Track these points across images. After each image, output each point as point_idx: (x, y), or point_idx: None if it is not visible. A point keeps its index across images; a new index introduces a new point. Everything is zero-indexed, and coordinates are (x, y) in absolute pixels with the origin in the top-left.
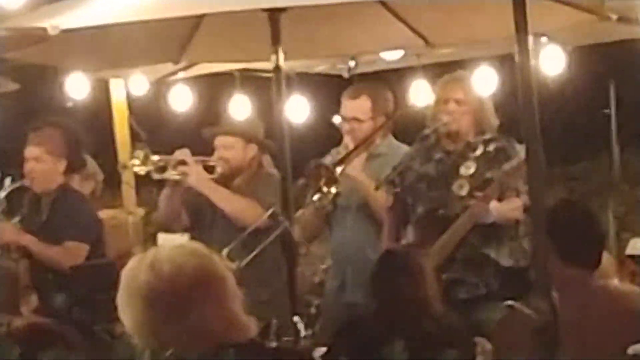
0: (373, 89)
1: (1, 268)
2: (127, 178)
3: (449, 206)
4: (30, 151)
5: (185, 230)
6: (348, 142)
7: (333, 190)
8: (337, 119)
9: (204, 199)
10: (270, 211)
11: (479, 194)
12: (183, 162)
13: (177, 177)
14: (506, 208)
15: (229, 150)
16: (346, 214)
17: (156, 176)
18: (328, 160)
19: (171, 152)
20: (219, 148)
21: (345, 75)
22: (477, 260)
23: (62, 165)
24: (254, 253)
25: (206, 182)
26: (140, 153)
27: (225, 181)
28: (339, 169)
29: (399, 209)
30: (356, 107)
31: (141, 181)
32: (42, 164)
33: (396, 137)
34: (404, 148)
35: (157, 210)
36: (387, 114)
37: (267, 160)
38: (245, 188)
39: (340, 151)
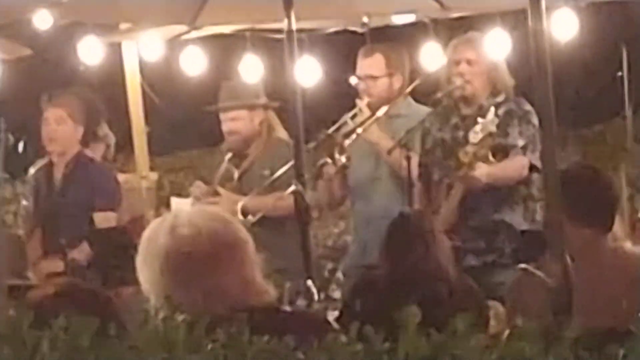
0: (387, 46)
1: (9, 235)
2: (140, 142)
3: (452, 174)
4: (53, 112)
5: None
6: (363, 101)
7: (342, 159)
8: (353, 79)
9: None
10: (292, 188)
11: (464, 160)
12: (215, 193)
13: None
14: (502, 169)
15: (236, 122)
16: (366, 179)
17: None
18: (343, 123)
19: (184, 115)
20: (225, 122)
21: (360, 30)
22: (490, 226)
23: (79, 132)
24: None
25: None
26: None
27: (240, 150)
28: (348, 141)
29: (424, 174)
30: (370, 65)
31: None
32: (64, 127)
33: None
34: (424, 109)
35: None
36: (403, 72)
37: (276, 122)
38: (260, 155)
39: (357, 113)
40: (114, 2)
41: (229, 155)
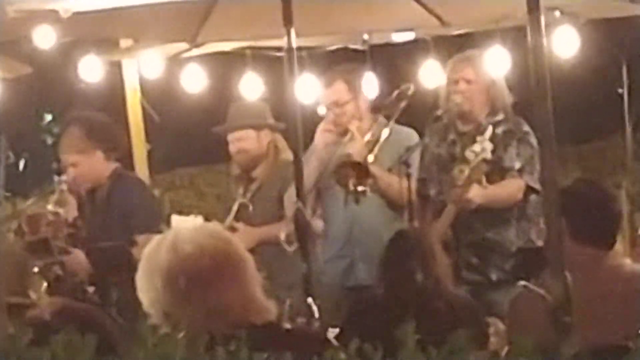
0: (346, 71)
1: (11, 252)
2: (140, 160)
3: (446, 192)
4: (66, 159)
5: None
6: (331, 128)
7: (362, 188)
8: (322, 109)
9: None
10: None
11: (459, 182)
12: (232, 229)
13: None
14: (496, 192)
15: (244, 141)
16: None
17: None
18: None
19: (185, 133)
20: (233, 142)
21: (360, 48)
22: (483, 245)
23: (99, 156)
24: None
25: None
26: None
27: (247, 172)
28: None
29: (422, 190)
30: (333, 93)
31: (154, 164)
32: (78, 168)
33: (408, 118)
34: (407, 130)
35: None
36: (359, 94)
37: (281, 141)
38: (266, 181)
39: (345, 141)
40: (115, 19)
41: (237, 172)
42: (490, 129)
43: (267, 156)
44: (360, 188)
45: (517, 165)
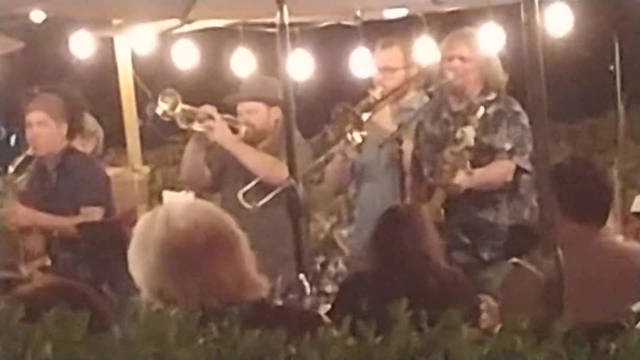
0: (405, 39)
1: (1, 229)
2: (132, 136)
3: (435, 177)
4: (34, 116)
5: (207, 187)
6: (377, 92)
7: (358, 137)
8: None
9: (228, 158)
10: (288, 184)
11: (445, 166)
12: (210, 117)
13: (203, 130)
14: (484, 175)
15: (253, 115)
16: (375, 168)
17: (182, 125)
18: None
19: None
20: (242, 113)
21: (353, 24)
22: (475, 225)
23: (64, 129)
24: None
25: (231, 138)
26: (169, 99)
27: (251, 144)
28: (365, 116)
29: (416, 168)
30: (388, 57)
31: (146, 140)
32: (46, 128)
33: None
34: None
35: (181, 167)
36: (419, 65)
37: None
38: (270, 152)
39: (370, 101)
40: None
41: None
42: (482, 109)
43: (274, 132)
44: (357, 135)
45: (508, 146)
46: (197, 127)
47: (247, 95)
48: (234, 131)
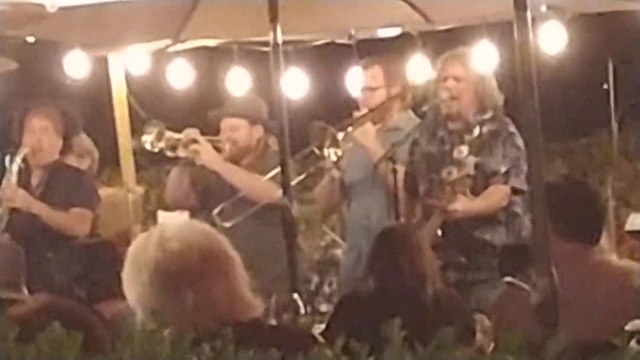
0: (386, 58)
1: (5, 247)
2: (126, 156)
3: (435, 191)
4: (37, 123)
5: (193, 209)
6: (361, 112)
7: (333, 155)
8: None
9: (213, 178)
10: (273, 173)
11: (444, 190)
12: (194, 141)
13: (189, 155)
14: (481, 203)
15: (236, 132)
16: (362, 187)
17: (169, 154)
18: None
19: (173, 129)
20: (225, 130)
21: (347, 42)
22: (472, 245)
23: (60, 143)
24: (245, 214)
25: (218, 160)
26: (154, 129)
27: (232, 162)
28: (341, 134)
29: (410, 185)
30: (369, 77)
31: (140, 160)
32: (48, 137)
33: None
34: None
35: (166, 190)
36: (403, 85)
37: (273, 141)
38: (253, 168)
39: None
40: (98, 17)
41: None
42: (477, 128)
43: (256, 149)
44: (332, 152)
45: (503, 168)
46: (182, 152)
47: (231, 111)
48: (218, 150)
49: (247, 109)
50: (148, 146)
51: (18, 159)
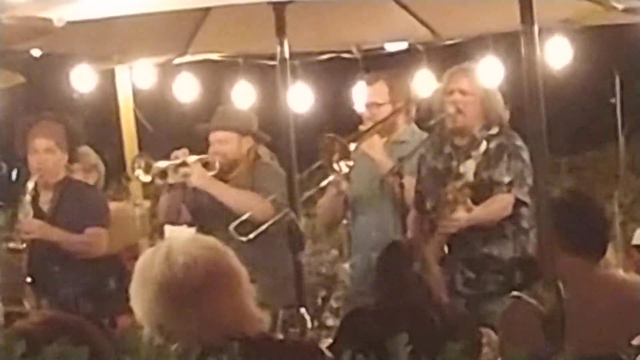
0: (390, 73)
1: (7, 262)
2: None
3: (439, 208)
4: (41, 142)
5: (186, 224)
6: (366, 127)
7: (344, 166)
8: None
9: (203, 195)
10: (270, 197)
11: (445, 203)
12: (184, 164)
13: (180, 179)
14: (483, 211)
15: (224, 145)
16: (369, 200)
17: (159, 182)
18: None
19: (177, 142)
20: (214, 143)
21: (353, 56)
22: (480, 260)
23: (65, 158)
24: (258, 231)
25: (208, 180)
26: (141, 162)
27: (223, 174)
28: (352, 145)
29: (419, 201)
30: (373, 92)
31: None
32: (53, 156)
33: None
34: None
35: (159, 210)
36: (407, 99)
37: (263, 151)
38: (243, 180)
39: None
40: (106, 32)
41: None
42: (484, 143)
43: (246, 162)
44: (343, 164)
45: (507, 179)
46: (172, 179)
47: (219, 125)
48: (208, 166)
49: (236, 121)
50: (142, 178)
51: (30, 186)
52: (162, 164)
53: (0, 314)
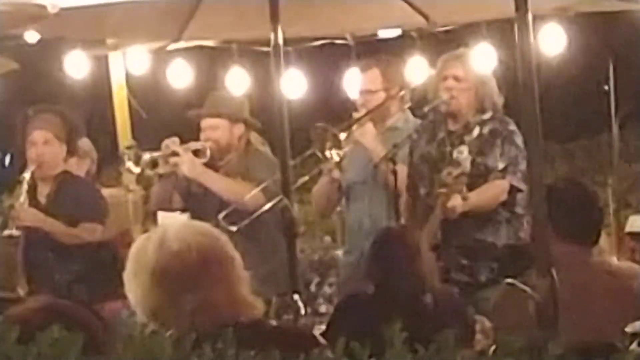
0: (383, 60)
1: (1, 249)
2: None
3: (433, 195)
4: (39, 135)
5: (179, 211)
6: (360, 113)
7: (336, 155)
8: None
9: (193, 182)
10: (262, 186)
11: (441, 190)
12: (174, 153)
13: (170, 169)
14: (478, 197)
15: (216, 131)
16: (363, 187)
17: (149, 172)
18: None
19: (170, 128)
20: (205, 129)
21: (346, 42)
22: (473, 246)
23: (64, 150)
24: (248, 220)
25: (199, 169)
26: (130, 154)
27: (214, 161)
28: (343, 134)
29: (412, 187)
30: (367, 79)
31: None
32: (51, 148)
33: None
34: (419, 123)
35: (150, 199)
36: (401, 86)
37: (255, 137)
38: (235, 167)
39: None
40: (100, 18)
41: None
42: (477, 128)
43: (237, 148)
44: (334, 153)
45: (501, 165)
46: (163, 169)
47: (210, 111)
48: (199, 154)
49: (227, 108)
50: (132, 169)
51: (27, 176)
52: (152, 154)
53: None
